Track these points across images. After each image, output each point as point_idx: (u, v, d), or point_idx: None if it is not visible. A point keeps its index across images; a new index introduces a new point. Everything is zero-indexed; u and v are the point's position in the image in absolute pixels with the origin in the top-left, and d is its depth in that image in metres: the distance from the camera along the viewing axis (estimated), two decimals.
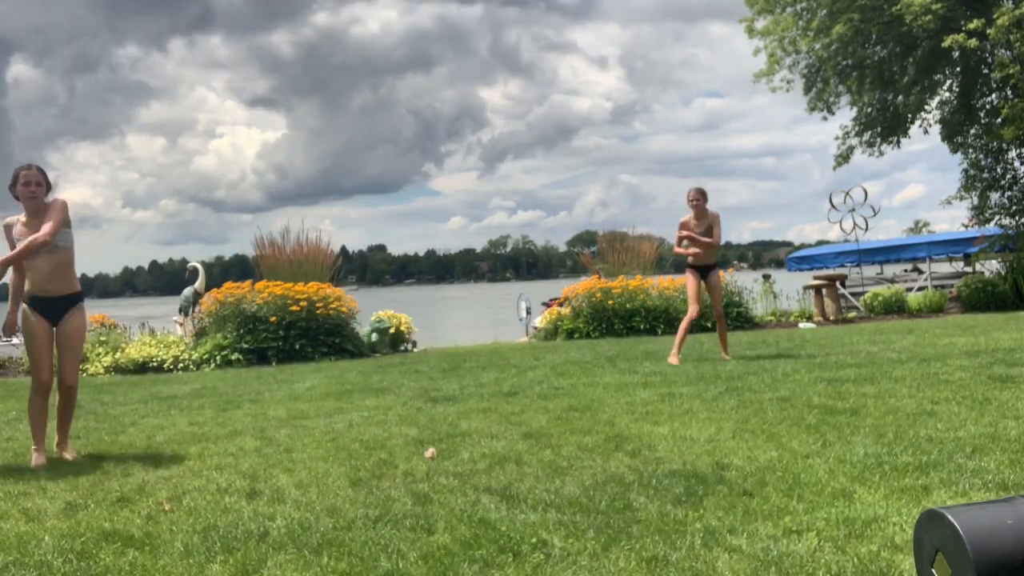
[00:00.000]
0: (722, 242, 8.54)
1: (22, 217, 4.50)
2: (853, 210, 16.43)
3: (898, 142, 16.86)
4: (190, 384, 8.02)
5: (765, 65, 16.27)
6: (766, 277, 16.39)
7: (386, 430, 4.93)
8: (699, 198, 7.90)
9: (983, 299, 13.49)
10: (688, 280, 8.11)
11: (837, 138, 17.17)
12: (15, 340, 15.23)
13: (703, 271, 8.04)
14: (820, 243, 30.96)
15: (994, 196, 15.40)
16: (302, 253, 11.89)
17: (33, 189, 4.42)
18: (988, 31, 13.16)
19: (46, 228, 4.37)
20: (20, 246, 4.40)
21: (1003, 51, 13.99)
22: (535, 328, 13.38)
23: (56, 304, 4.50)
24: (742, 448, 3.97)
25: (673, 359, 7.65)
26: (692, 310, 8.00)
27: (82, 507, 3.47)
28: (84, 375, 9.95)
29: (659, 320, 11.98)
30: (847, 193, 16.48)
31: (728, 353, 7.92)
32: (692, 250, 7.95)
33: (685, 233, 7.96)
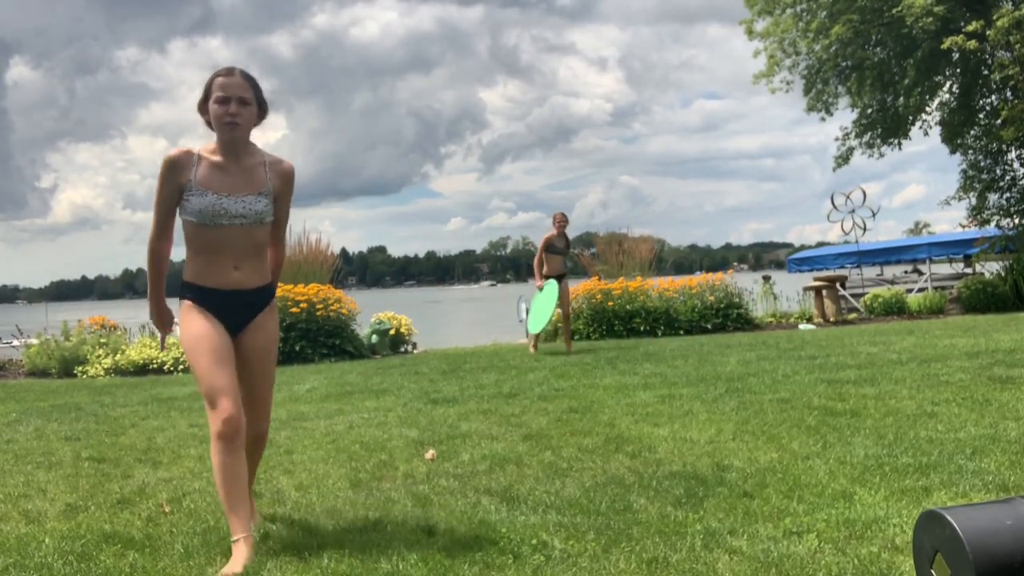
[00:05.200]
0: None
1: (210, 150, 2.88)
2: (853, 211, 16.44)
3: (899, 144, 16.88)
4: (190, 386, 8.02)
5: (765, 66, 16.30)
6: (766, 278, 16.40)
7: (386, 432, 4.93)
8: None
9: (983, 300, 13.49)
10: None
11: (837, 139, 17.20)
12: (15, 342, 14.96)
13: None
14: (820, 244, 31.03)
15: (992, 197, 15.42)
16: (302, 254, 11.90)
17: (234, 112, 2.81)
18: (988, 32, 13.18)
19: (279, 245, 3.11)
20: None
21: (1003, 52, 14.00)
22: None
23: (241, 301, 2.92)
24: (742, 449, 3.97)
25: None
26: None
27: (82, 509, 3.47)
28: (83, 377, 9.95)
29: (659, 321, 11.99)
30: (848, 195, 16.50)
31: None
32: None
33: None
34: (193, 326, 2.87)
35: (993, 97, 15.63)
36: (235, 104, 2.82)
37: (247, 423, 2.81)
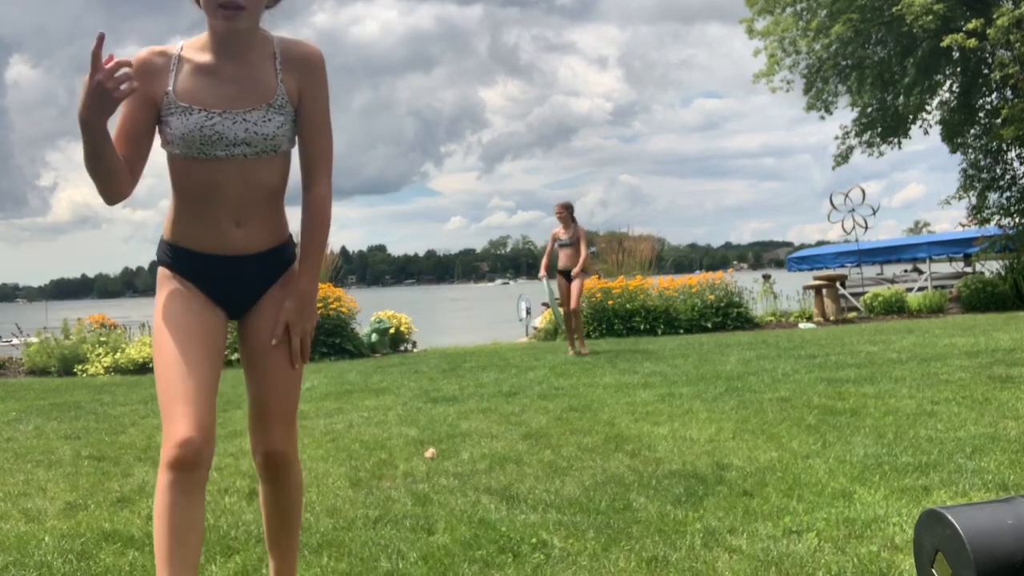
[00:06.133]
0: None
1: (198, 46, 1.96)
2: (853, 210, 16.45)
3: (898, 143, 16.89)
4: None
5: (765, 65, 16.30)
6: (766, 277, 16.41)
7: (386, 430, 4.93)
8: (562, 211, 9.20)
9: (983, 299, 13.50)
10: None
11: (837, 138, 17.21)
12: (15, 341, 14.97)
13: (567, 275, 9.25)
14: (820, 243, 31.05)
15: (992, 196, 15.43)
16: None
17: None
18: (988, 31, 13.18)
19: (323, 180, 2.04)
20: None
21: (1003, 51, 14.00)
22: (535, 328, 13.38)
23: (245, 271, 2.03)
24: (742, 448, 3.97)
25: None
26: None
27: (82, 507, 3.47)
28: (83, 375, 9.95)
29: (659, 320, 11.99)
30: (846, 194, 16.51)
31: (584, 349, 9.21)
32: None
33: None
34: (166, 306, 1.96)
35: (993, 96, 15.64)
36: None
37: (257, 441, 2.03)
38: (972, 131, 15.98)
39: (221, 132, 1.90)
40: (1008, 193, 15.28)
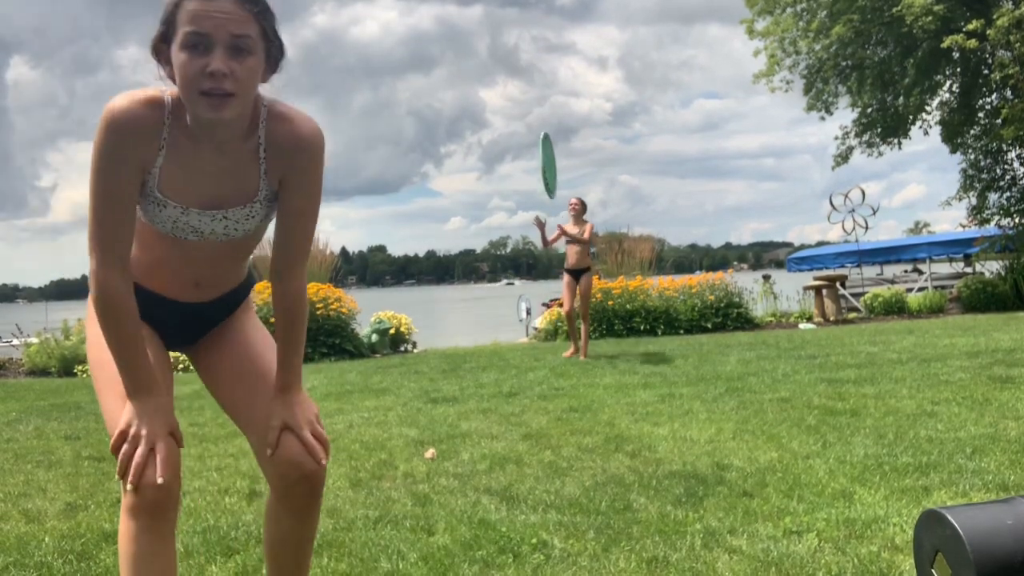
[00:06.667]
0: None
1: (180, 115, 1.59)
2: (853, 211, 16.45)
3: (898, 143, 16.90)
4: (190, 385, 8.02)
5: (765, 66, 16.31)
6: (766, 278, 16.41)
7: (386, 431, 4.93)
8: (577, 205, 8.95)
9: (983, 300, 13.50)
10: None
11: (837, 138, 17.22)
12: (15, 341, 14.92)
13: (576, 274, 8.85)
14: (820, 244, 31.05)
15: (993, 197, 15.44)
16: None
17: (219, 70, 1.49)
18: (988, 32, 13.18)
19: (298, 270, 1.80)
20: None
21: (1003, 52, 14.00)
22: (535, 329, 13.38)
23: (198, 315, 1.90)
24: (742, 449, 3.97)
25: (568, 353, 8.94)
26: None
27: (82, 508, 3.47)
28: (83, 376, 9.95)
29: (659, 321, 11.99)
30: (846, 195, 16.52)
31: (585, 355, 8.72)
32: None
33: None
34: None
35: (993, 96, 15.65)
36: (222, 55, 1.50)
37: (286, 465, 1.72)
38: (972, 131, 16.00)
39: (197, 227, 1.70)
40: (1008, 193, 15.29)
